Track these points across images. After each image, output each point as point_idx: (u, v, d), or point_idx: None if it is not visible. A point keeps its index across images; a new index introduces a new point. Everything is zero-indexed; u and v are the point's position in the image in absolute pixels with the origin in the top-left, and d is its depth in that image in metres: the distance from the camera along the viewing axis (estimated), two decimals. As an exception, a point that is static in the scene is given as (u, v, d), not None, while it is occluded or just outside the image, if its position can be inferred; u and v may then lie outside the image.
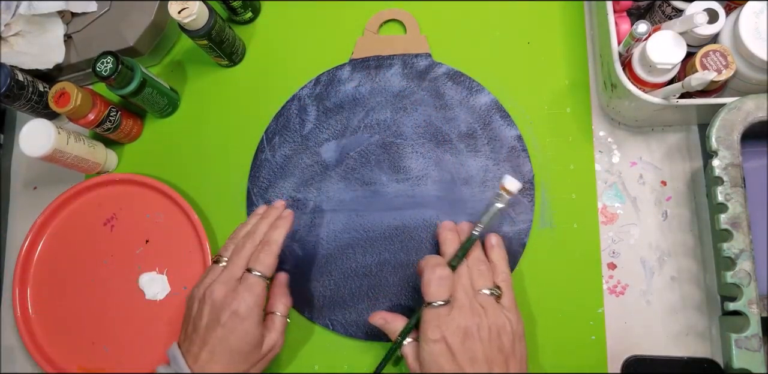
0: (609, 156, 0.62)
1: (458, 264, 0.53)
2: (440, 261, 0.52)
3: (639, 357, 0.56)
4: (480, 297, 0.51)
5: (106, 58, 0.62)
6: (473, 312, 0.49)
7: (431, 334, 0.49)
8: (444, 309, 0.50)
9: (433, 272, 0.51)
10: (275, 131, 0.67)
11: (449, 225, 0.57)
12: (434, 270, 0.51)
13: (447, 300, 0.50)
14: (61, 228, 0.69)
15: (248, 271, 0.54)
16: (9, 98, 0.65)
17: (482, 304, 0.50)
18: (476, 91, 0.64)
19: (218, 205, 0.67)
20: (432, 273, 0.51)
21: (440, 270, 0.51)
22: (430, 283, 0.51)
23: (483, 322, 0.49)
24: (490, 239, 0.56)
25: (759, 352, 0.48)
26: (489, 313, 0.50)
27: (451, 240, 0.55)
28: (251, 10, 0.71)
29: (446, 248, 0.55)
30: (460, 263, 0.53)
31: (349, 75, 0.67)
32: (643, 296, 0.58)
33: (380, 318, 0.54)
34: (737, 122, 0.52)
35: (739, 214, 0.50)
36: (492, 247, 0.55)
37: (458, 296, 0.51)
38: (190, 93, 0.72)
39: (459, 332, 0.48)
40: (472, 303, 0.50)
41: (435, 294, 0.50)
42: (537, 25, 0.66)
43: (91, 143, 0.67)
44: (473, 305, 0.50)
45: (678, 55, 0.52)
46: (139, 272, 0.66)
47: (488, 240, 0.56)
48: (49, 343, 0.66)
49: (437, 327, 0.49)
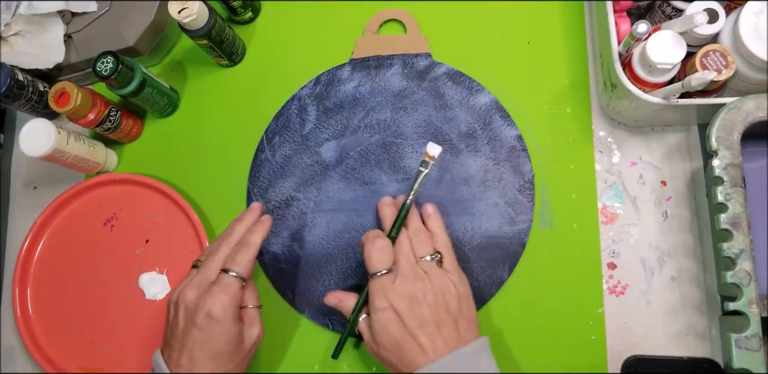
0: (609, 156, 0.62)
1: (397, 234, 0.54)
2: (379, 234, 0.54)
3: (639, 357, 0.56)
4: (422, 263, 0.52)
5: (106, 58, 0.62)
6: (417, 278, 0.51)
7: (378, 303, 0.50)
8: (388, 278, 0.51)
9: (373, 244, 0.52)
10: (275, 131, 0.67)
11: (387, 200, 0.58)
12: (374, 241, 0.52)
13: (390, 269, 0.51)
14: (61, 228, 0.69)
15: (224, 272, 0.52)
16: (9, 98, 0.65)
17: (425, 270, 0.52)
18: (476, 91, 0.64)
19: (218, 205, 0.67)
20: (372, 245, 0.52)
21: (380, 242, 0.52)
22: (371, 254, 0.52)
23: (428, 287, 0.50)
24: (426, 209, 0.57)
25: (759, 352, 0.48)
26: (432, 277, 0.51)
27: (390, 215, 0.56)
28: (251, 10, 0.71)
29: (386, 223, 0.56)
30: (400, 233, 0.54)
31: (349, 75, 0.67)
32: (643, 296, 0.58)
33: (334, 297, 0.55)
34: (737, 122, 0.52)
35: (739, 214, 0.50)
36: (429, 216, 0.57)
37: (401, 264, 0.52)
38: (190, 93, 0.72)
39: (405, 298, 0.50)
40: (415, 269, 0.52)
41: (377, 264, 0.51)
42: (537, 25, 0.66)
43: (91, 143, 0.67)
44: (416, 271, 0.51)
45: (678, 55, 0.52)
46: (139, 272, 0.66)
47: (424, 210, 0.57)
48: (49, 343, 0.66)
49: (384, 296, 0.50)
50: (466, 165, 0.62)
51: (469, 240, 0.60)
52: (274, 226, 0.64)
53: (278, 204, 0.65)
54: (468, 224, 0.61)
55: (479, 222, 0.61)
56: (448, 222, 0.61)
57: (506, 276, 0.59)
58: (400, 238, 0.54)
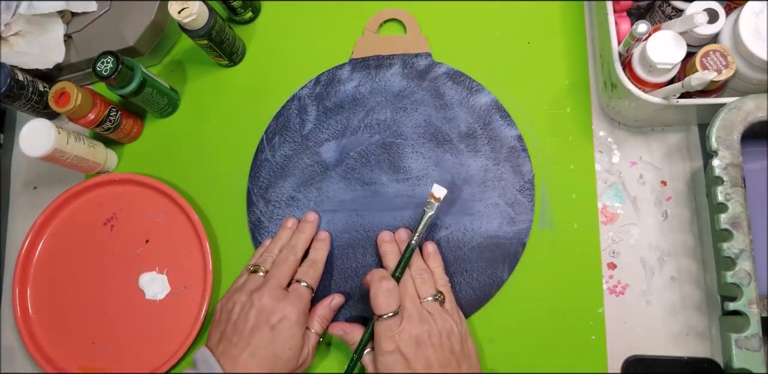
0: (609, 156, 0.62)
1: (401, 274, 0.55)
2: (385, 274, 0.55)
3: (639, 357, 0.56)
4: (426, 304, 0.54)
5: (106, 58, 0.62)
6: (422, 320, 0.52)
7: (385, 346, 0.51)
8: (394, 320, 0.52)
9: (380, 285, 0.53)
10: (275, 131, 0.67)
11: (387, 236, 0.59)
12: (380, 283, 0.53)
13: (396, 311, 0.52)
14: (61, 228, 0.69)
15: (297, 282, 0.56)
16: (9, 98, 0.65)
17: (429, 311, 0.53)
18: (476, 91, 0.64)
19: (218, 205, 0.67)
20: (379, 287, 0.53)
21: (386, 283, 0.53)
22: (378, 297, 0.53)
23: (433, 329, 0.52)
24: (426, 247, 0.59)
25: (759, 352, 0.48)
26: (437, 319, 0.53)
27: (392, 252, 0.58)
28: (251, 10, 0.71)
29: (388, 261, 0.57)
30: (404, 273, 0.55)
31: (349, 75, 0.67)
32: (643, 296, 0.58)
33: (339, 329, 0.57)
34: (737, 122, 0.52)
35: (739, 214, 0.50)
36: (429, 255, 0.58)
37: (407, 306, 0.53)
38: (190, 93, 0.72)
39: (411, 341, 0.51)
40: (420, 311, 0.53)
41: (384, 306, 0.52)
42: (537, 25, 0.66)
43: (91, 143, 0.67)
44: (421, 313, 0.53)
45: (678, 55, 0.52)
46: (139, 272, 0.66)
47: (425, 248, 0.59)
48: (49, 343, 0.66)
49: (390, 339, 0.51)
50: (466, 165, 0.62)
51: (469, 240, 0.60)
52: (274, 226, 0.64)
53: (278, 205, 0.65)
54: (468, 224, 0.61)
55: (479, 222, 0.60)
56: (448, 222, 0.61)
57: (506, 276, 0.59)
58: (405, 278, 0.55)
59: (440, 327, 0.52)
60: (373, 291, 0.53)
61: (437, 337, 0.51)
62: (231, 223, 0.66)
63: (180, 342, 0.62)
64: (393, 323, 0.52)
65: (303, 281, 0.56)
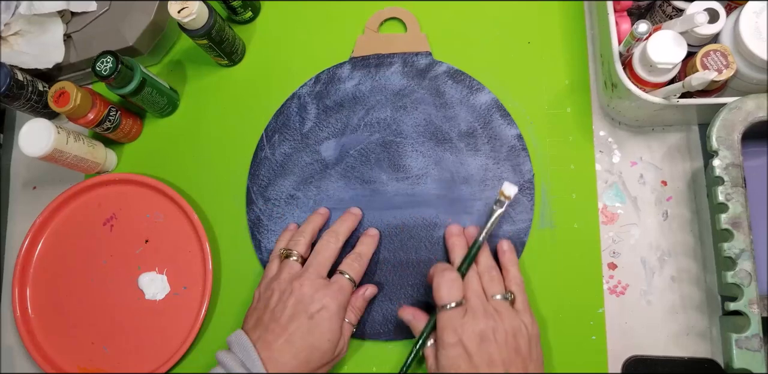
0: (609, 156, 0.62)
1: (467, 270, 0.54)
2: (449, 266, 0.54)
3: (639, 357, 0.56)
4: (493, 301, 0.52)
5: (106, 58, 0.62)
6: (487, 316, 0.50)
7: (448, 338, 0.49)
8: (458, 312, 0.50)
9: (443, 275, 0.52)
10: (275, 129, 0.67)
11: (456, 230, 0.58)
12: (443, 273, 0.52)
13: (459, 302, 0.51)
14: (61, 228, 0.69)
15: (340, 273, 0.55)
16: (9, 98, 0.65)
17: (496, 308, 0.51)
18: (476, 90, 0.64)
19: (218, 204, 0.67)
20: (441, 277, 0.52)
21: (449, 274, 0.52)
22: (441, 286, 0.51)
23: (499, 326, 0.50)
24: (501, 245, 0.57)
25: (759, 352, 0.48)
26: (504, 317, 0.51)
27: (459, 246, 0.56)
28: (251, 9, 0.71)
29: (454, 255, 0.56)
30: (469, 269, 0.54)
31: (349, 73, 0.67)
32: (644, 296, 0.58)
33: (409, 313, 0.55)
34: (738, 122, 0.52)
35: (739, 214, 0.50)
36: (504, 253, 0.57)
37: (471, 299, 0.51)
38: (189, 92, 0.72)
39: (475, 336, 0.49)
40: (486, 306, 0.51)
41: (446, 296, 0.51)
42: (537, 24, 0.66)
43: (90, 143, 0.67)
44: (487, 308, 0.51)
45: (678, 54, 0.52)
46: (139, 272, 0.66)
47: (500, 246, 0.57)
48: (48, 343, 0.66)
49: (453, 331, 0.49)
50: (466, 164, 0.62)
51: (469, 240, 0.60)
52: (273, 224, 0.64)
53: (278, 203, 0.65)
54: (468, 223, 0.60)
55: (479, 221, 0.60)
56: (447, 222, 0.61)
57: (506, 276, 0.59)
58: (470, 275, 0.54)
59: (507, 325, 0.50)
60: (435, 281, 0.52)
61: (503, 335, 0.49)
62: (231, 222, 0.66)
63: (180, 342, 0.62)
64: (456, 314, 0.50)
65: (346, 273, 0.55)
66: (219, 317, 0.64)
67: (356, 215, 0.61)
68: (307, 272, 0.54)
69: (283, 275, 0.55)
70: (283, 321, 0.52)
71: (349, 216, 0.60)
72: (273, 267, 0.58)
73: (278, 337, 0.51)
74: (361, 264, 0.57)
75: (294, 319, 0.52)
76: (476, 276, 0.54)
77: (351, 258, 0.57)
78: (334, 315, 0.52)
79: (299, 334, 0.51)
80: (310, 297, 0.52)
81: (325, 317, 0.52)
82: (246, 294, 0.63)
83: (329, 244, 0.57)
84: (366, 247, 0.59)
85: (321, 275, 0.55)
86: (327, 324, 0.52)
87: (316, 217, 0.61)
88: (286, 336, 0.51)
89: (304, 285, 0.53)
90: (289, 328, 0.51)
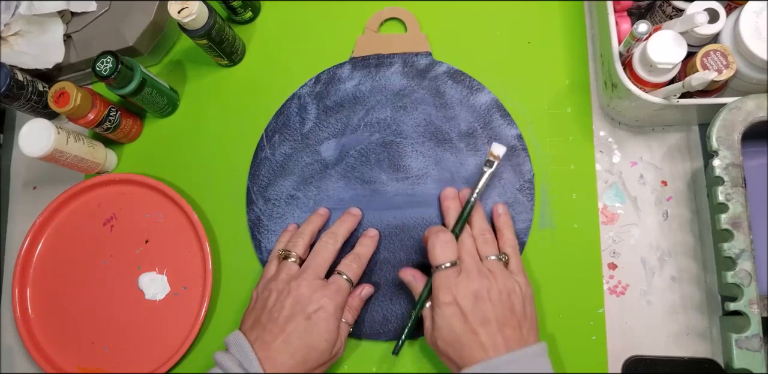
0: (609, 156, 0.62)
1: (461, 231, 0.55)
2: (442, 228, 0.54)
3: (639, 357, 0.56)
4: (487, 262, 0.53)
5: (106, 58, 0.62)
6: (481, 275, 0.51)
7: (443, 297, 0.50)
8: (452, 271, 0.51)
9: (437, 237, 0.53)
10: (275, 129, 0.67)
11: (451, 193, 0.59)
12: (437, 235, 0.53)
13: (454, 262, 0.52)
14: (61, 228, 0.69)
15: (338, 274, 0.55)
16: (9, 98, 0.65)
17: (490, 268, 0.52)
18: (476, 90, 0.64)
19: (218, 204, 0.67)
20: (436, 238, 0.53)
21: (443, 235, 0.53)
22: (435, 247, 0.52)
23: (492, 285, 0.51)
24: (497, 208, 0.58)
25: (759, 352, 0.48)
26: (497, 277, 0.51)
27: (453, 209, 0.57)
28: (251, 9, 0.71)
29: (449, 217, 0.57)
30: (464, 231, 0.55)
31: (349, 73, 0.67)
32: (644, 296, 0.58)
33: (409, 274, 0.56)
34: (738, 122, 0.52)
35: (739, 214, 0.50)
36: (498, 216, 0.58)
37: (465, 259, 0.52)
38: (189, 93, 0.72)
39: (469, 294, 0.50)
40: (480, 266, 0.52)
41: (441, 256, 0.52)
42: (537, 24, 0.66)
43: (90, 143, 0.67)
44: (481, 268, 0.52)
45: (678, 54, 0.52)
46: (139, 272, 0.66)
47: (495, 209, 0.58)
48: (48, 343, 0.66)
49: (448, 290, 0.50)
50: (466, 164, 0.62)
51: (469, 240, 0.60)
52: (273, 224, 0.64)
53: (278, 203, 0.65)
54: (468, 224, 0.60)
55: (479, 222, 0.60)
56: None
57: (506, 276, 0.59)
58: (464, 236, 0.55)
59: (501, 284, 0.51)
60: (430, 242, 0.53)
61: (497, 294, 0.50)
62: (231, 222, 0.66)
63: (180, 342, 0.62)
64: (450, 273, 0.51)
65: (344, 274, 0.56)
66: (219, 317, 0.64)
67: (356, 216, 0.61)
68: (305, 273, 0.54)
69: (281, 276, 0.55)
70: (280, 322, 0.52)
71: (348, 217, 0.60)
72: (271, 268, 0.58)
73: (276, 337, 0.51)
74: (359, 265, 0.57)
75: (291, 319, 0.52)
76: (470, 238, 0.55)
77: (349, 258, 0.57)
78: (331, 315, 0.53)
79: (296, 334, 0.51)
80: (307, 297, 0.52)
81: (323, 317, 0.52)
82: (246, 294, 0.63)
83: (327, 245, 0.57)
84: (365, 248, 0.59)
85: (319, 276, 0.55)
86: (324, 325, 0.52)
87: (315, 218, 0.61)
88: (283, 336, 0.51)
89: (301, 286, 0.53)
90: (287, 328, 0.51)
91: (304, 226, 0.60)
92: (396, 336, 0.59)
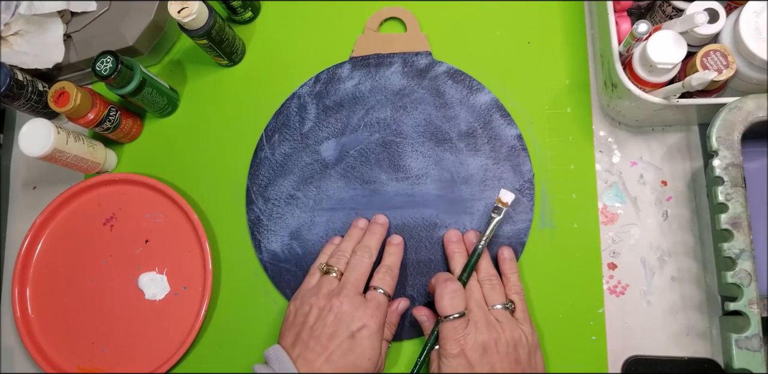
0: (609, 156, 0.62)
1: (468, 278, 0.54)
2: (450, 276, 0.54)
3: (639, 357, 0.56)
4: (494, 311, 0.53)
5: (106, 58, 0.62)
6: (489, 327, 0.51)
7: (450, 349, 0.50)
8: (460, 322, 0.51)
9: (445, 286, 0.52)
10: (275, 129, 0.67)
11: (455, 236, 0.58)
12: (445, 284, 0.52)
13: (462, 313, 0.51)
14: (61, 228, 0.69)
15: (374, 289, 0.55)
16: (9, 98, 0.65)
17: (497, 318, 0.52)
18: (476, 90, 0.64)
19: (218, 204, 0.67)
20: (444, 288, 0.52)
21: (451, 284, 0.52)
22: (443, 297, 0.52)
23: (500, 336, 0.50)
24: (502, 252, 0.58)
25: (759, 352, 0.48)
26: (505, 327, 0.51)
27: (459, 254, 0.57)
28: (251, 9, 0.71)
29: (454, 263, 0.56)
30: (470, 277, 0.55)
31: (349, 73, 0.67)
32: (644, 296, 0.58)
33: (423, 314, 0.56)
34: (738, 122, 0.51)
35: (739, 214, 0.50)
36: (504, 261, 0.57)
37: (473, 310, 0.52)
38: (189, 92, 0.72)
39: (478, 347, 0.50)
40: (488, 317, 0.52)
41: (449, 307, 0.51)
42: (537, 24, 0.66)
43: (90, 143, 0.67)
44: (489, 319, 0.51)
45: (678, 54, 0.52)
46: (139, 272, 0.66)
47: (500, 253, 0.58)
48: (48, 343, 0.66)
49: (456, 342, 0.50)
50: (466, 164, 0.62)
51: (469, 240, 0.60)
52: (273, 224, 0.64)
53: (277, 203, 0.65)
54: (468, 224, 0.60)
55: (479, 221, 0.60)
56: (447, 222, 0.61)
57: (506, 276, 0.59)
58: (471, 283, 0.54)
59: (508, 336, 0.51)
60: (438, 292, 0.52)
61: (504, 346, 0.50)
62: (230, 222, 0.66)
63: (180, 342, 0.62)
64: (459, 325, 0.51)
65: (380, 288, 0.55)
66: (219, 317, 0.64)
67: (383, 225, 0.60)
68: (345, 289, 0.53)
69: (323, 291, 0.54)
70: (323, 339, 0.51)
71: (377, 227, 0.60)
72: (312, 281, 0.57)
73: (319, 355, 0.50)
74: (392, 277, 0.56)
75: (334, 338, 0.51)
76: (477, 286, 0.54)
77: (382, 272, 0.56)
78: (374, 333, 0.52)
79: (340, 353, 0.51)
80: (350, 315, 0.52)
81: (366, 335, 0.52)
82: (246, 294, 0.64)
83: (363, 260, 0.56)
84: (394, 258, 0.58)
85: (358, 291, 0.54)
86: (368, 343, 0.52)
87: (355, 232, 0.60)
88: (326, 355, 0.50)
89: (343, 303, 0.52)
90: (330, 347, 0.51)
91: (346, 243, 0.59)
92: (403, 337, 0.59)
